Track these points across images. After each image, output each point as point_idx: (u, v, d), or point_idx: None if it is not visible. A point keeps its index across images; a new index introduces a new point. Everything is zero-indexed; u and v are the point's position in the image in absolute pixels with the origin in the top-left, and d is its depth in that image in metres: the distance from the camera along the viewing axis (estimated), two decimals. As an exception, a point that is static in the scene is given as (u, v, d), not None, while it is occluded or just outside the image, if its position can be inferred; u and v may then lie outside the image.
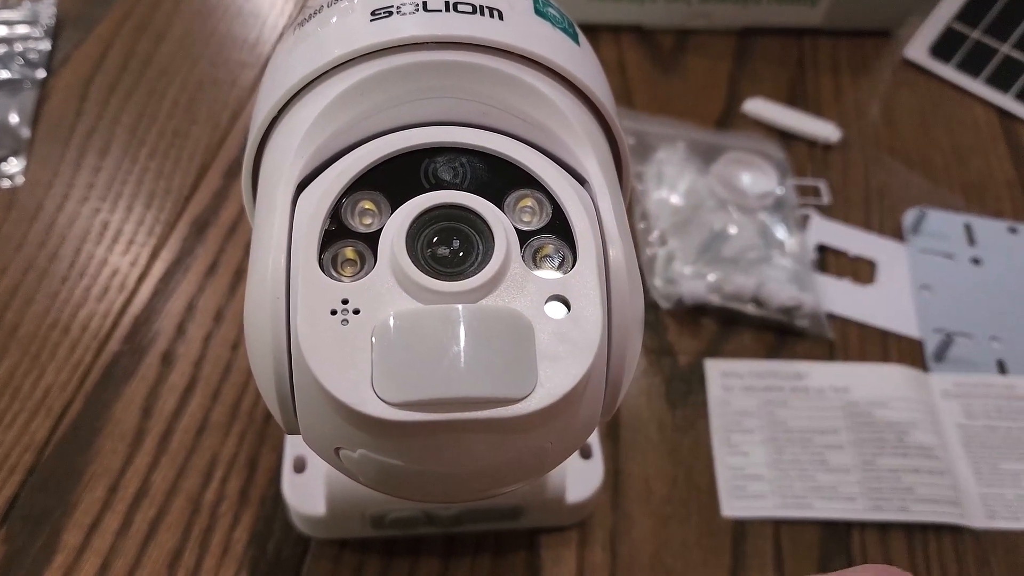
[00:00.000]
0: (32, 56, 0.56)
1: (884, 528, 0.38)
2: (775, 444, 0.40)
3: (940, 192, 0.52)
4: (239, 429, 0.39)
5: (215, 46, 0.57)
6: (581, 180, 0.21)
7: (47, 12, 0.59)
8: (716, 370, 0.42)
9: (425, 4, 0.21)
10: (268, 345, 0.19)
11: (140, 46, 0.57)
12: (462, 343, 0.17)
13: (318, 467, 0.35)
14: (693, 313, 0.44)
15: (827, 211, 0.50)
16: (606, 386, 0.19)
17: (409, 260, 0.18)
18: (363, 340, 0.17)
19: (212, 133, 0.52)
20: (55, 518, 0.36)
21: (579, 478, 0.35)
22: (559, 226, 0.19)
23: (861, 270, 0.47)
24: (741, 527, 0.37)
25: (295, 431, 0.20)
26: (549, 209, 0.20)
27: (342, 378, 0.17)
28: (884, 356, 0.44)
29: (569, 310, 0.18)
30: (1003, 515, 0.38)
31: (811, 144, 0.53)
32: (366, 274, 0.18)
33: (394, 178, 0.20)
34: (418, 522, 0.34)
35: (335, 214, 0.19)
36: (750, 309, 0.44)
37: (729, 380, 0.42)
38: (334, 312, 0.18)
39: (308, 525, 0.35)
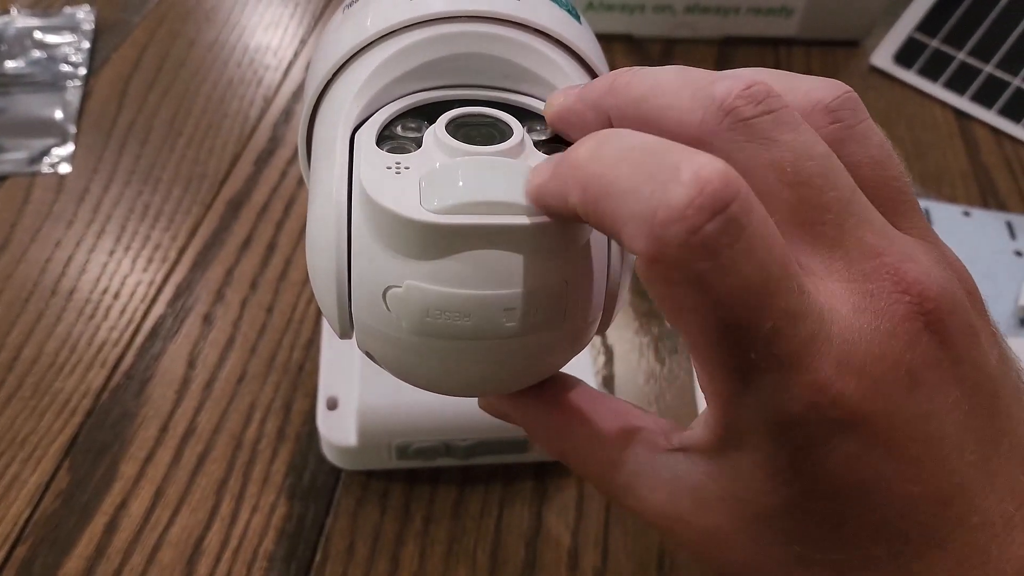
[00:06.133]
0: (74, 58, 0.61)
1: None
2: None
3: (902, 183, 0.57)
4: (275, 379, 0.43)
5: (242, 51, 0.63)
6: None
7: (86, 19, 0.64)
8: (700, 332, 0.47)
9: None
10: (331, 243, 0.23)
11: (174, 50, 0.62)
12: (490, 171, 0.22)
13: (349, 405, 0.39)
14: (679, 284, 0.49)
15: (800, 197, 0.55)
16: (605, 295, 0.24)
17: (448, 135, 0.23)
18: (413, 182, 0.22)
19: (243, 126, 0.57)
20: (113, 451, 0.40)
21: (579, 416, 0.40)
22: (564, 141, 0.25)
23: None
24: (722, 464, 0.42)
25: (347, 333, 0.25)
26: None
27: (395, 198, 0.21)
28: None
29: None
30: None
31: (786, 139, 0.59)
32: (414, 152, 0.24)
33: (431, 115, 0.25)
34: (438, 452, 0.39)
35: (386, 127, 0.24)
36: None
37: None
38: (389, 167, 0.23)
39: (339, 456, 0.39)
